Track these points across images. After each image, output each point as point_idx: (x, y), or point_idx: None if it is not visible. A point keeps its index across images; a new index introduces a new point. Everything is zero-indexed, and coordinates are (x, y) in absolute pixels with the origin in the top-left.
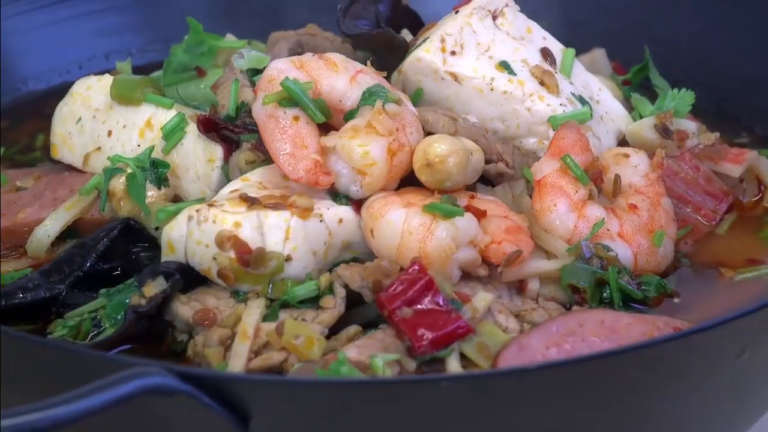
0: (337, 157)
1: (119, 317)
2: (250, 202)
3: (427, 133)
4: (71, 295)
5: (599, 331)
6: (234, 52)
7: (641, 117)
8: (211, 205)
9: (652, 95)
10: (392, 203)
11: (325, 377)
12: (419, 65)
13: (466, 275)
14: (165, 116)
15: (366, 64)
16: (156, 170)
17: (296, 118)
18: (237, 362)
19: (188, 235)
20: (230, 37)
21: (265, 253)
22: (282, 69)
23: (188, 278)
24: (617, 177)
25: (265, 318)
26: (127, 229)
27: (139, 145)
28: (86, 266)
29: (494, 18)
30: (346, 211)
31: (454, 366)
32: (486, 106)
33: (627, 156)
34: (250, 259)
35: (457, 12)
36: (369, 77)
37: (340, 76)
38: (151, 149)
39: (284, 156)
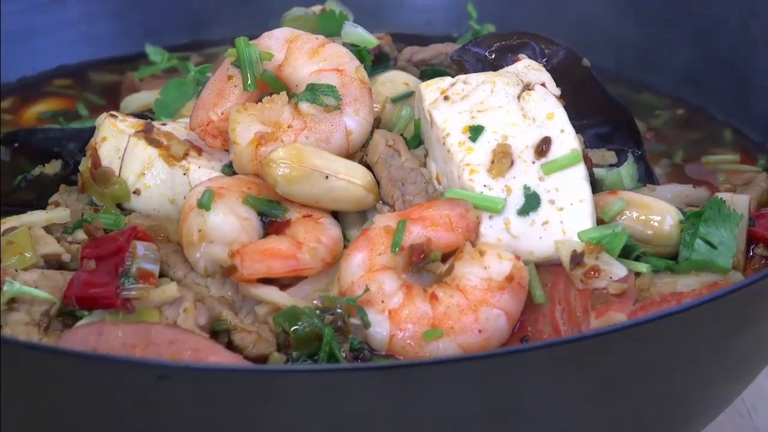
0: None
1: None
2: (144, 129)
3: None
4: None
5: (185, 356)
6: None
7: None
8: (114, 116)
9: None
10: (211, 181)
11: None
12: (417, 94)
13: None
14: None
15: None
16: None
17: (230, 78)
18: None
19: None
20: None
21: (110, 175)
22: (274, 35)
23: None
24: (451, 266)
25: (68, 231)
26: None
27: None
28: None
29: (524, 89)
30: None
31: None
32: (440, 157)
33: (482, 254)
34: (96, 173)
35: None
36: (336, 78)
37: (309, 65)
38: (208, 67)
39: (197, 103)
